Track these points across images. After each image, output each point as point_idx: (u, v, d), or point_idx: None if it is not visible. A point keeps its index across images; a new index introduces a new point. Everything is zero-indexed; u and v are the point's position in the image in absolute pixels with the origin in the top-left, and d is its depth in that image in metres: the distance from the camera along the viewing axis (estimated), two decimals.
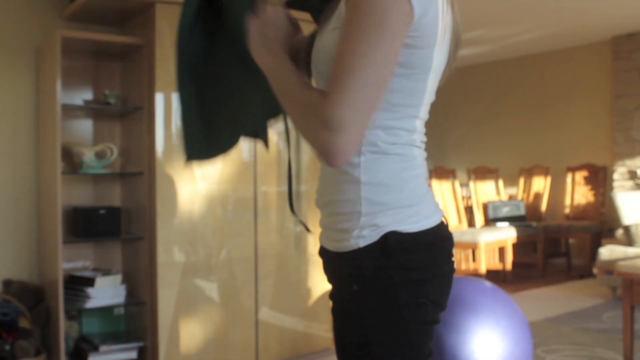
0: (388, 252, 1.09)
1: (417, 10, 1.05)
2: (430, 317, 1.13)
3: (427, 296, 1.12)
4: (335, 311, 1.20)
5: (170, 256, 3.25)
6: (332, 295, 1.22)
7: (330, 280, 1.23)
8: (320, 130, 1.00)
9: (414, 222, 1.12)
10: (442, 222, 1.17)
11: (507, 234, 6.22)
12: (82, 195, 3.55)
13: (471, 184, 7.01)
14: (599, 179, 6.94)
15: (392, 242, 1.09)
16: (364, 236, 1.10)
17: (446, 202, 6.46)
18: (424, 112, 1.18)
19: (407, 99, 1.13)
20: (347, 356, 1.16)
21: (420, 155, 1.18)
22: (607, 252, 5.14)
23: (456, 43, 1.19)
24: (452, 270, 1.18)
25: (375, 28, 1.01)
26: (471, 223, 7.15)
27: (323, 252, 1.24)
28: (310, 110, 1.03)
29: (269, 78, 1.14)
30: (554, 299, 5.35)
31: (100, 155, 3.43)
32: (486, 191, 7.20)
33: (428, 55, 1.12)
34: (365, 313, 1.11)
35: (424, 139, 1.20)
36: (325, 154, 1.01)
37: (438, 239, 1.15)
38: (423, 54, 1.11)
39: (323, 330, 3.75)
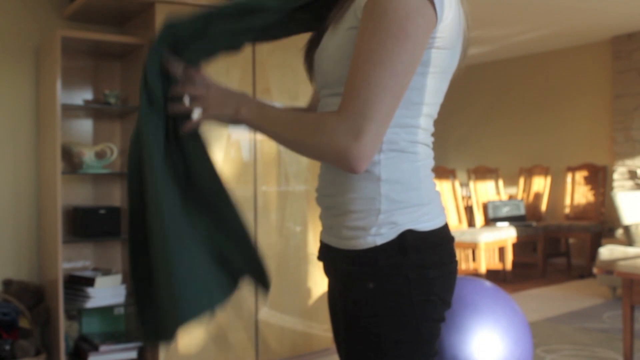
0: (404, 250, 1.11)
1: (440, 14, 1.07)
2: (439, 314, 1.15)
3: (438, 294, 1.14)
4: (342, 310, 1.18)
5: None
6: (338, 294, 1.21)
7: (335, 279, 1.22)
8: (339, 141, 1.03)
9: (427, 221, 1.14)
10: (446, 222, 1.19)
11: (507, 233, 6.22)
12: (82, 195, 3.55)
13: (471, 183, 7.01)
14: (599, 179, 6.95)
15: (408, 240, 1.11)
16: (382, 234, 1.11)
17: (446, 202, 6.46)
18: (436, 112, 1.20)
19: (425, 98, 1.14)
20: (357, 354, 1.15)
21: (431, 154, 1.19)
22: (607, 252, 5.14)
23: (466, 44, 1.20)
24: (456, 269, 1.20)
25: (395, 37, 1.02)
26: (471, 223, 7.15)
27: (327, 251, 1.23)
28: (322, 127, 1.05)
29: (261, 130, 1.16)
30: (554, 299, 5.35)
31: (100, 155, 3.43)
32: (486, 191, 7.20)
33: (447, 55, 1.14)
34: (379, 311, 1.11)
35: (432, 138, 1.21)
36: (347, 162, 1.04)
37: (445, 239, 1.17)
38: (443, 54, 1.12)
39: (323, 330, 3.75)
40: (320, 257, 1.30)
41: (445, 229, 1.17)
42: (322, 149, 1.06)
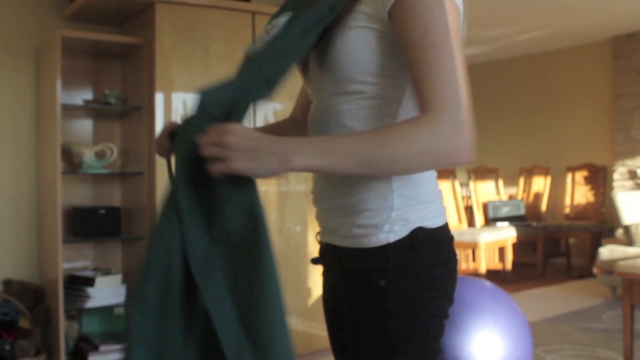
0: (414, 248, 1.11)
1: (461, 10, 1.14)
2: (445, 311, 1.16)
3: (444, 291, 1.14)
4: (350, 309, 1.17)
5: None
6: (344, 293, 1.19)
7: (340, 279, 1.21)
8: (453, 138, 0.99)
9: (434, 218, 1.15)
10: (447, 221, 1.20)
11: (507, 233, 6.22)
12: (82, 195, 3.55)
13: (471, 183, 7.01)
14: (599, 179, 6.95)
15: (419, 237, 1.11)
16: (395, 231, 1.11)
17: (446, 202, 6.46)
18: None
19: None
20: (366, 353, 1.14)
21: None
22: (607, 252, 5.14)
23: (464, 42, 1.22)
24: (457, 266, 1.21)
25: (447, 33, 1.04)
26: (471, 223, 7.15)
27: (331, 251, 1.22)
28: (426, 133, 0.99)
29: (337, 169, 1.00)
30: (554, 299, 5.35)
31: (100, 155, 3.43)
32: (486, 191, 7.20)
33: None
34: (391, 308, 1.11)
35: None
36: (464, 155, 1.00)
37: (448, 236, 1.18)
38: None
39: (323, 330, 3.75)
40: (319, 260, 1.28)
41: (447, 226, 1.18)
42: (436, 153, 0.99)
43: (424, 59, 1.03)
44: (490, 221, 6.67)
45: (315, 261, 1.30)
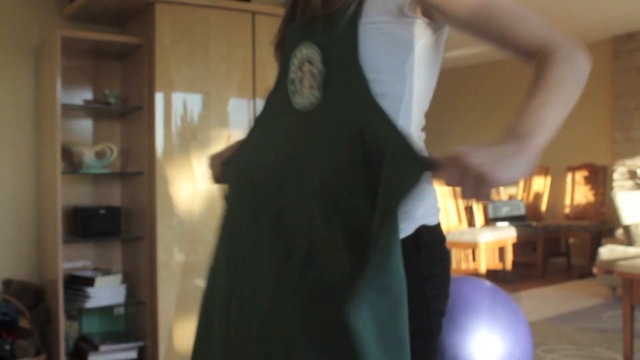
0: (418, 246, 1.11)
1: None
2: (444, 309, 1.16)
3: (443, 289, 1.15)
4: None
5: (170, 256, 3.25)
6: None
7: None
8: (579, 56, 1.09)
9: (433, 215, 1.15)
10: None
11: (507, 233, 6.22)
12: (82, 195, 3.55)
13: None
14: (599, 178, 6.95)
15: (422, 235, 1.12)
16: (401, 229, 1.10)
17: (446, 202, 6.46)
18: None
19: (431, 90, 1.18)
20: None
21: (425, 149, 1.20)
22: (607, 251, 5.14)
23: None
24: (450, 264, 1.21)
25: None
26: (471, 223, 7.14)
27: None
28: (570, 60, 1.08)
29: (554, 130, 1.05)
30: (554, 299, 5.35)
31: (100, 155, 3.43)
32: None
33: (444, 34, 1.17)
34: None
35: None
36: (589, 62, 1.10)
37: (443, 235, 1.18)
38: (444, 38, 1.16)
39: None
40: None
41: (440, 225, 1.19)
42: (582, 72, 1.10)
43: (500, 15, 1.08)
44: (490, 221, 6.67)
45: None
